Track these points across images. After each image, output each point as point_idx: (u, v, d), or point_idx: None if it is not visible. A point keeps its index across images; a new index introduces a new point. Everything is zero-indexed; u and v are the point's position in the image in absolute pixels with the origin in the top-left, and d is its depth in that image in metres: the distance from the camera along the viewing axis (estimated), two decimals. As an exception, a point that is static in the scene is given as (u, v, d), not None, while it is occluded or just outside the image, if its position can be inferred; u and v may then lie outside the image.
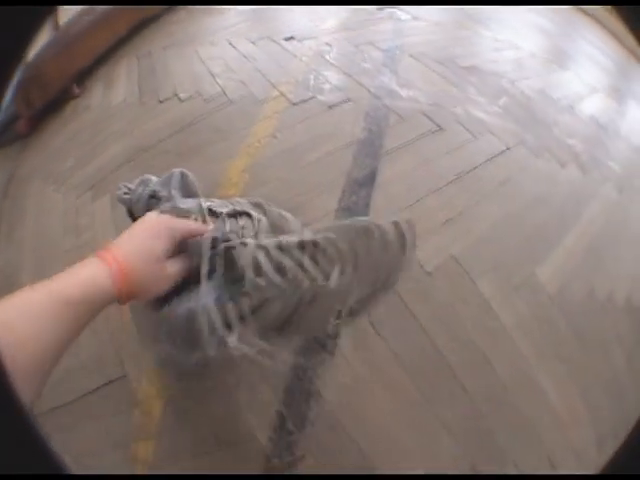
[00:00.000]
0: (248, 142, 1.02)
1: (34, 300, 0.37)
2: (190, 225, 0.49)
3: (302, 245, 0.50)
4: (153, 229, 0.46)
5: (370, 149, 0.94)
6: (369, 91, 1.06)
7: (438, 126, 0.99)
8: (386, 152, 0.93)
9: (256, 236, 0.56)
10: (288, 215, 0.67)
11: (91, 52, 1.41)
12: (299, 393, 0.73)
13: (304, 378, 0.73)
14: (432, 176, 0.90)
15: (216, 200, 0.64)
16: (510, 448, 0.72)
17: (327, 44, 1.22)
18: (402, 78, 1.10)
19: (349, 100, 1.04)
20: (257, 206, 0.67)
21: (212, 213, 0.62)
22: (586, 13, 1.76)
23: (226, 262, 0.48)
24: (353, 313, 0.55)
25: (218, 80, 1.21)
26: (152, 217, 0.48)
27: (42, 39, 1.25)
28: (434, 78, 1.11)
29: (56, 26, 1.33)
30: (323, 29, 1.31)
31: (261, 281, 0.48)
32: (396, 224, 0.55)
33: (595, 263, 0.97)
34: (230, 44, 1.33)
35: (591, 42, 1.80)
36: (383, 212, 0.85)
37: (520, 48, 1.41)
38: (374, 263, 0.54)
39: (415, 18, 1.39)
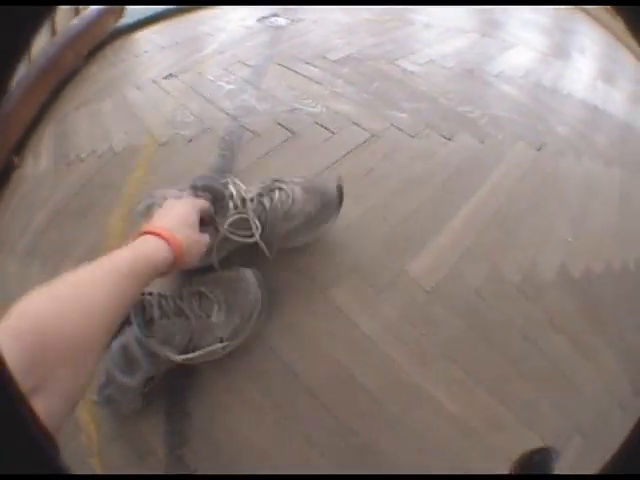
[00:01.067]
0: (126, 192, 1.03)
1: (86, 275, 0.41)
2: (206, 204, 0.61)
3: (190, 293, 0.69)
4: (185, 205, 0.56)
5: (222, 176, 0.91)
6: (227, 114, 1.03)
7: (292, 132, 0.94)
8: (236, 175, 0.89)
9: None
10: None
11: (22, 122, 1.42)
12: (175, 414, 0.71)
13: (175, 401, 0.71)
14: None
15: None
16: (404, 462, 0.65)
17: (199, 73, 1.20)
18: (262, 91, 1.05)
19: (208, 129, 1.02)
20: None
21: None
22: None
23: (137, 310, 0.63)
24: (231, 338, 0.68)
25: (108, 134, 1.23)
26: (181, 199, 0.59)
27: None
28: (297, 82, 1.06)
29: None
30: (198, 58, 1.29)
31: (165, 322, 0.64)
32: (254, 271, 0.71)
33: (502, 239, 0.87)
34: (121, 94, 1.35)
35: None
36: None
37: (412, 23, 1.32)
38: (241, 302, 0.69)
39: (295, 21, 1.34)
